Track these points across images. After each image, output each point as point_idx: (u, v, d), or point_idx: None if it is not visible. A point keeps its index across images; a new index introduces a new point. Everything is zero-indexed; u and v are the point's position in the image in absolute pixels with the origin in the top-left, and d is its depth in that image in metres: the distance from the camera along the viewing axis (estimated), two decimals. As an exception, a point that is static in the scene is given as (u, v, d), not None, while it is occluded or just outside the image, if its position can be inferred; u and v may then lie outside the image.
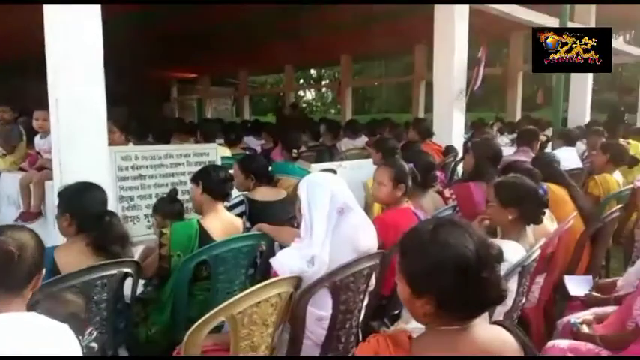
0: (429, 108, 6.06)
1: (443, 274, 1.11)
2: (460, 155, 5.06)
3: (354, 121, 8.60)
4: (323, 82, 28.69)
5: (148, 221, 3.17)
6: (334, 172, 3.79)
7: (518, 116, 10.71)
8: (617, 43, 10.98)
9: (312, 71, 28.91)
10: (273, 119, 16.28)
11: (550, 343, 2.08)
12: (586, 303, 2.47)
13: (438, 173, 3.40)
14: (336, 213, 2.00)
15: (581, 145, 6.24)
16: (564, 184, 3.22)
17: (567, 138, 5.46)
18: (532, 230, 2.39)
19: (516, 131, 6.22)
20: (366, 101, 28.73)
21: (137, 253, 2.56)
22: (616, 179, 4.02)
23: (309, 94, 31.69)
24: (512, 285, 2.07)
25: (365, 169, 4.32)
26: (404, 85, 18.26)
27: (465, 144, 5.13)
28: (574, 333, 2.12)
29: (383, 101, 27.10)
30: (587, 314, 2.26)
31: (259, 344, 1.75)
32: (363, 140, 6.61)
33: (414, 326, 1.29)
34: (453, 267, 1.11)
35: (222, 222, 2.49)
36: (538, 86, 15.02)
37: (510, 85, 11.25)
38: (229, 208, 2.84)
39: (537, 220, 2.33)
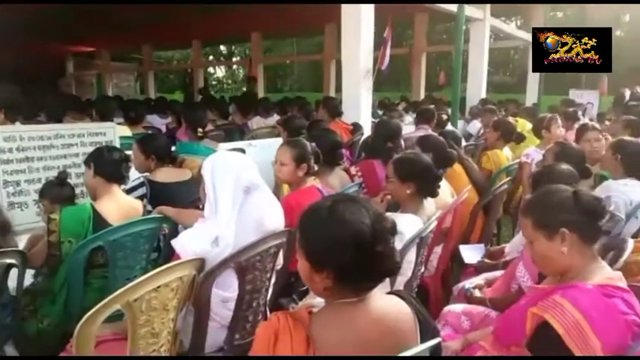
0: (340, 87, 6.11)
1: (341, 250, 1.13)
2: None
3: (266, 99, 8.50)
4: (234, 59, 27.95)
5: (38, 207, 2.91)
6: (243, 151, 3.70)
7: (423, 96, 11.22)
8: (510, 28, 11.81)
9: (223, 48, 28.06)
10: (181, 97, 15.63)
11: (446, 309, 2.20)
12: (478, 269, 2.66)
13: (344, 151, 3.45)
14: (241, 192, 1.96)
15: (477, 123, 6.69)
16: (459, 160, 3.42)
17: None
18: (434, 203, 2.52)
19: (418, 110, 6.51)
20: (278, 79, 28.52)
21: (23, 241, 2.35)
22: (506, 154, 4.34)
23: (220, 72, 30.76)
24: (411, 255, 2.16)
25: (275, 147, 4.26)
26: (316, 64, 18.31)
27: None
28: (467, 297, 2.27)
29: (295, 80, 27.08)
30: (479, 279, 2.42)
31: (160, 330, 1.69)
32: (275, 119, 6.56)
33: (319, 301, 1.31)
34: (350, 242, 1.13)
35: (120, 205, 2.35)
36: (440, 67, 15.80)
37: (415, 66, 11.73)
38: (128, 191, 2.68)
39: (433, 194, 2.45)
